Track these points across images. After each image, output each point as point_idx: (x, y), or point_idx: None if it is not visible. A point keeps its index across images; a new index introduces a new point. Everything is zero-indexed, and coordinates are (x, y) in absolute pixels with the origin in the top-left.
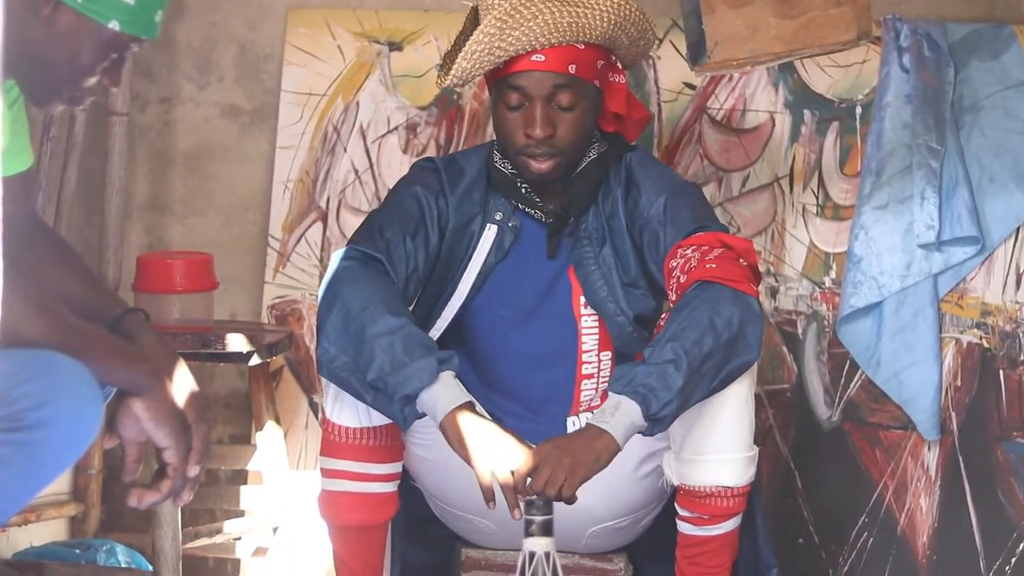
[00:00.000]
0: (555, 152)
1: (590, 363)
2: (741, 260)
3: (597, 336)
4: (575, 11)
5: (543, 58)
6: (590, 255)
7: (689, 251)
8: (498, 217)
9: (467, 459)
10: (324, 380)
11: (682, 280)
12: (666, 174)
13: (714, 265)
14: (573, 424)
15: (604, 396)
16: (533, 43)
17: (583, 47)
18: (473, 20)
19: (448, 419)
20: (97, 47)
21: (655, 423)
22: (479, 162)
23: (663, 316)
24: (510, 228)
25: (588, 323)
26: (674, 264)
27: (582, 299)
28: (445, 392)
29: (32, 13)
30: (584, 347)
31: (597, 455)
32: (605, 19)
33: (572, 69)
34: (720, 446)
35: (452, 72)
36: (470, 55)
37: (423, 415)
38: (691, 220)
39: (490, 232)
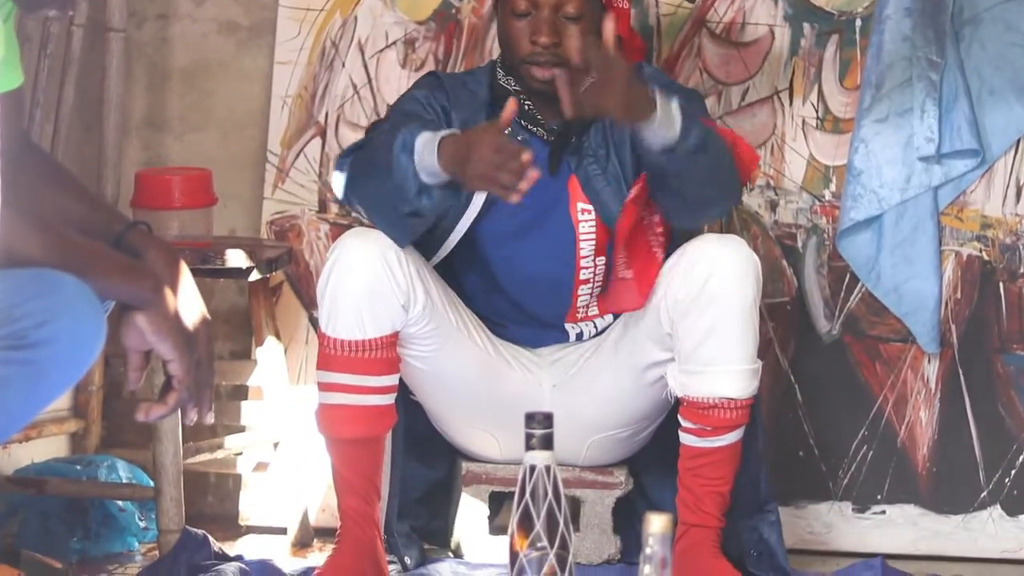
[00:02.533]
0: (559, 61)
1: (587, 268)
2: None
3: (594, 242)
4: None
5: None
6: (597, 172)
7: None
8: (506, 132)
9: (464, 160)
10: (319, 294)
11: None
12: (674, 83)
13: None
14: (572, 329)
15: (600, 302)
16: None
17: None
18: None
19: (440, 152)
20: None
21: (665, 152)
22: (484, 79)
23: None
24: (518, 142)
25: (585, 228)
26: None
27: (579, 205)
28: (423, 150)
29: None
30: (582, 252)
31: (641, 106)
32: None
33: None
34: (724, 358)
35: None
36: None
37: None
38: (701, 111)
39: None
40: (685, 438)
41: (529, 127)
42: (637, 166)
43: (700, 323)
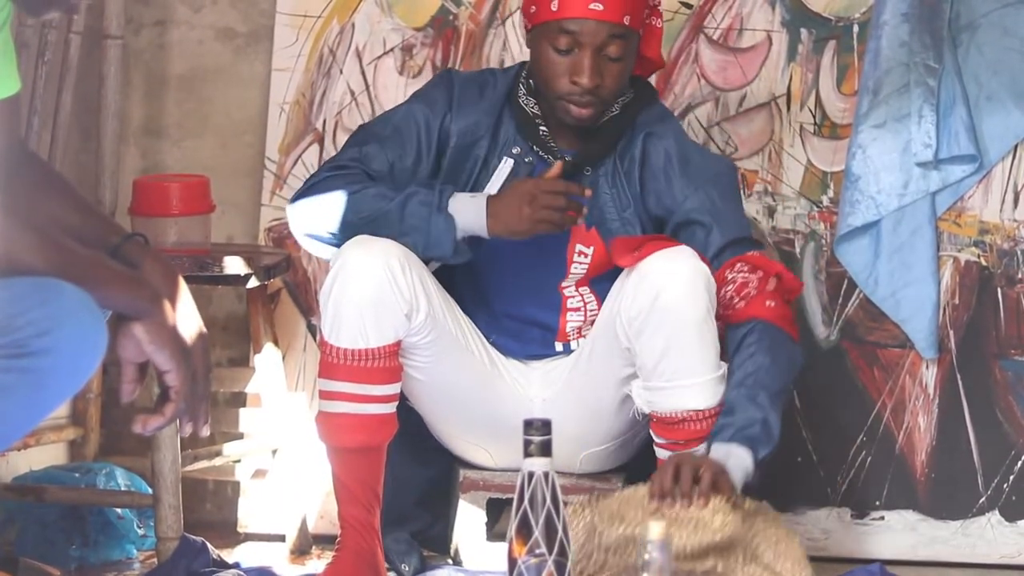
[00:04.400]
0: (597, 101)
1: (573, 297)
2: (788, 302)
3: (585, 275)
4: None
5: (601, 7)
6: (612, 210)
7: (746, 270)
8: (515, 151)
9: (518, 222)
10: (321, 302)
11: (738, 304)
12: (701, 157)
13: (772, 303)
14: (558, 346)
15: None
16: None
17: None
18: None
19: (488, 221)
20: None
21: (758, 467)
22: (503, 88)
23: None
24: (526, 164)
25: (577, 269)
26: (730, 277)
27: (578, 247)
28: (467, 211)
29: None
30: (564, 283)
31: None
32: None
33: (627, 20)
34: (685, 371)
35: None
36: None
37: (471, 239)
38: (737, 226)
39: (506, 165)
40: (661, 453)
41: (540, 153)
42: (655, 216)
43: (656, 339)
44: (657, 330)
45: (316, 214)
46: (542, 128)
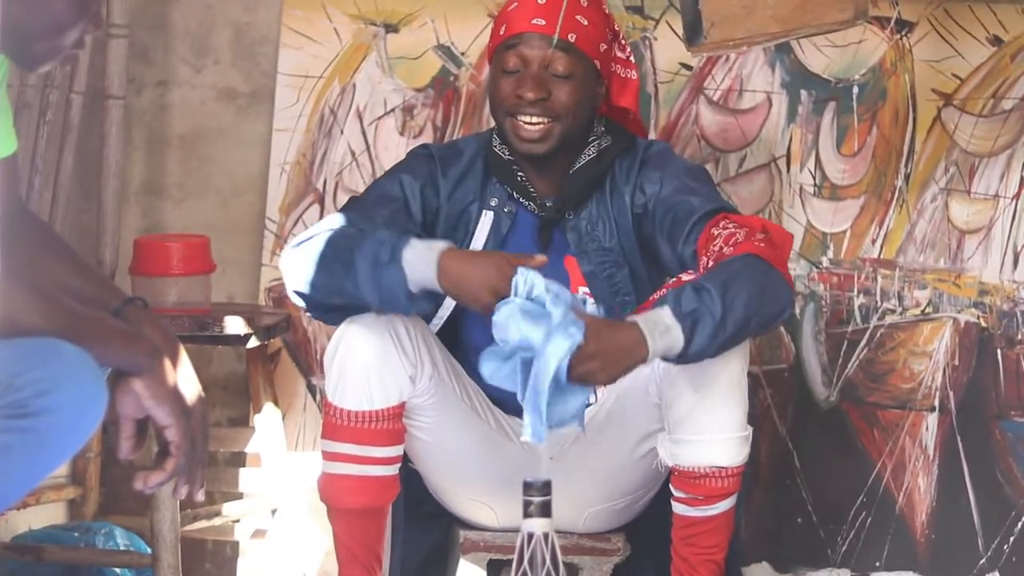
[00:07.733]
0: (548, 119)
1: None
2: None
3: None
4: None
5: (543, 22)
6: (597, 260)
7: (732, 226)
8: (494, 203)
9: (467, 294)
10: (326, 363)
11: (726, 251)
12: (680, 160)
13: (762, 243)
14: None
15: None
16: None
17: (587, 23)
18: None
19: (439, 269)
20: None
21: (682, 359)
22: (477, 146)
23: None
24: (506, 214)
25: (588, 311)
26: (716, 233)
27: (581, 290)
28: (418, 256)
29: None
30: None
31: (630, 360)
32: None
33: (572, 38)
34: (713, 426)
35: None
36: None
37: (427, 291)
38: (719, 199)
39: (487, 219)
40: (678, 507)
41: (520, 199)
42: (643, 255)
43: (688, 392)
44: (689, 383)
45: (301, 263)
46: (519, 173)
